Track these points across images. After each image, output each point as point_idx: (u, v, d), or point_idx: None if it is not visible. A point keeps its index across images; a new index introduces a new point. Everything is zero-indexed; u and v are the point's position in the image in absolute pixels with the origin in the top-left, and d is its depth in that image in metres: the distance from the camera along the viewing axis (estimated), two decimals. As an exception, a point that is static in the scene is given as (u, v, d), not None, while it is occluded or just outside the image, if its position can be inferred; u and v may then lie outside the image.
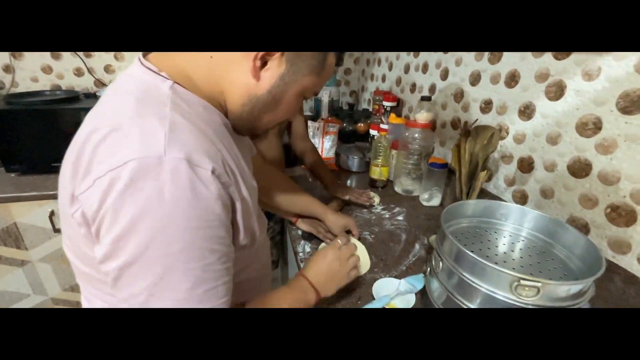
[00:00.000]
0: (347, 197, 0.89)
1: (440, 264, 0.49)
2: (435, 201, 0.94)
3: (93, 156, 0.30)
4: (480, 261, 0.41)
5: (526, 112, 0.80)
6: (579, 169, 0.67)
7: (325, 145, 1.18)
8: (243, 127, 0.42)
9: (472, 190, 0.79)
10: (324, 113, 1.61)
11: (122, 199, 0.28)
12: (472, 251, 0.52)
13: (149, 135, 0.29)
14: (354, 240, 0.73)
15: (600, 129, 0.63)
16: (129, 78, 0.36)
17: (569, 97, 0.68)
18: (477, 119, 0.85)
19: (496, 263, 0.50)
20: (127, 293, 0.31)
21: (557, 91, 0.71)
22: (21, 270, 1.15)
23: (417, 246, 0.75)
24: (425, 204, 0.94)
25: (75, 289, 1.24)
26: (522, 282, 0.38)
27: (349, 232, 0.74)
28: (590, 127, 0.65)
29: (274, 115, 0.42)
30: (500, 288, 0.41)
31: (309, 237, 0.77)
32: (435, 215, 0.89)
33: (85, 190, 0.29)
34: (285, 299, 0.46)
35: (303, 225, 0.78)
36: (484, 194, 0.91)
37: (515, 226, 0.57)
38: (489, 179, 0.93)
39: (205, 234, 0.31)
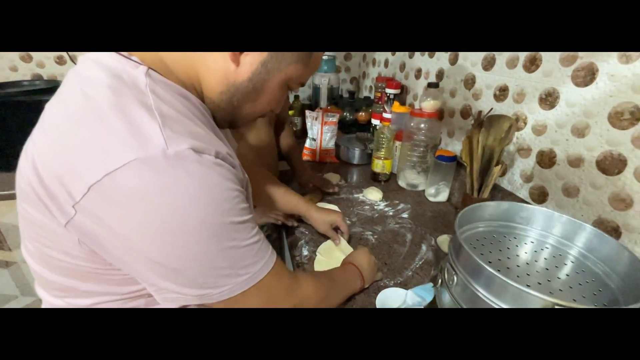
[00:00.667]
0: (311, 185, 0.88)
1: (455, 277, 0.43)
2: (443, 196, 0.88)
3: (74, 157, 0.27)
4: (506, 281, 0.34)
5: (548, 99, 0.71)
6: (611, 165, 0.60)
7: (325, 136, 1.11)
8: (221, 118, 0.40)
9: (485, 187, 0.73)
10: (323, 102, 1.54)
11: (137, 206, 0.26)
12: (490, 262, 0.46)
13: (143, 129, 0.27)
14: (344, 244, 0.67)
15: (638, 119, 0.55)
16: (94, 64, 0.32)
17: (601, 82, 0.60)
18: (491, 108, 0.77)
19: (518, 276, 0.44)
20: (204, 289, 0.31)
21: (586, 76, 0.63)
22: (7, 271, 1.12)
23: (423, 248, 0.69)
24: (431, 199, 0.89)
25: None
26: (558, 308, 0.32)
27: (337, 229, 0.69)
28: (626, 117, 0.57)
29: (254, 106, 0.38)
30: (528, 312, 0.34)
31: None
32: (443, 212, 0.83)
33: (81, 199, 0.27)
34: (346, 286, 0.52)
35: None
36: (497, 190, 0.84)
37: (539, 232, 0.50)
38: (503, 173, 0.86)
39: (235, 210, 0.31)
